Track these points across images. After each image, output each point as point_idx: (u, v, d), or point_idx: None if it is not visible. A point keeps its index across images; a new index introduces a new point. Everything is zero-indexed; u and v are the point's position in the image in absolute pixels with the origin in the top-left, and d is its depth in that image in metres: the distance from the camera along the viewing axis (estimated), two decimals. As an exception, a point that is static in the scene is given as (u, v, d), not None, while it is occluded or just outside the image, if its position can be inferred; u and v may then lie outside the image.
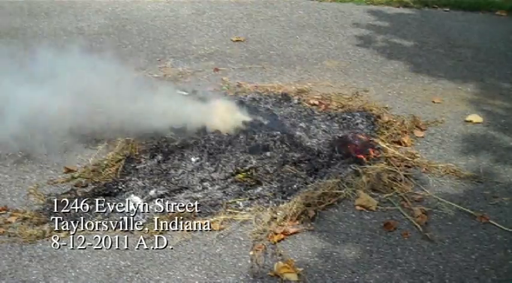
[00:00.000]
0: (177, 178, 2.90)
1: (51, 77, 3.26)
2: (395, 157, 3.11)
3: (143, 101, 3.22)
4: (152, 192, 2.78)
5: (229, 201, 2.73)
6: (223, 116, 3.25)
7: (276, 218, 2.59)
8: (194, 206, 2.67)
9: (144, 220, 2.59)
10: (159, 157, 3.03)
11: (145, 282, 2.24)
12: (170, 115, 3.20)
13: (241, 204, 2.73)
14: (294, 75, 4.34)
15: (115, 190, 2.80)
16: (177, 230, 2.53)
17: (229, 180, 2.88)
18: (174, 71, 4.22)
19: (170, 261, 2.35)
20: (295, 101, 3.72)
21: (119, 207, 2.68)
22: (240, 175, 2.90)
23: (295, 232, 2.52)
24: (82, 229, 2.52)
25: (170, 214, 2.59)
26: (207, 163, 2.99)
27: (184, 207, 2.67)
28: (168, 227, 2.54)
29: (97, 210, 2.65)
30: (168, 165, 2.98)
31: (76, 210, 2.64)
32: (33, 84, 3.20)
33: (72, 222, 2.57)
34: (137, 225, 2.55)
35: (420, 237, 2.54)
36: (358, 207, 2.72)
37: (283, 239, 2.48)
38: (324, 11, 6.05)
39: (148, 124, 3.16)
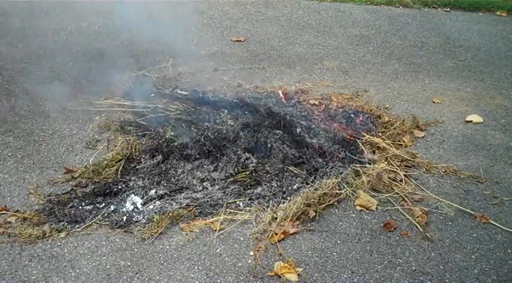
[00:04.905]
0: (177, 178, 2.90)
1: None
2: (395, 157, 3.11)
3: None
4: (152, 192, 2.78)
5: (229, 201, 2.73)
6: None
7: (276, 218, 2.59)
8: (194, 206, 2.67)
9: (144, 220, 2.59)
10: (159, 157, 3.03)
11: (145, 282, 2.24)
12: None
13: (241, 204, 2.73)
14: (294, 75, 4.35)
15: (115, 190, 2.80)
16: (177, 230, 2.53)
17: (229, 180, 2.88)
18: (174, 71, 4.23)
19: (170, 261, 2.35)
20: (295, 101, 3.72)
21: (119, 207, 2.68)
22: (240, 175, 2.90)
23: (295, 232, 2.52)
24: (82, 229, 2.52)
25: (170, 214, 2.59)
26: (206, 162, 2.99)
27: (184, 207, 2.67)
28: (168, 227, 2.54)
29: (97, 210, 2.65)
30: (168, 165, 2.98)
31: (76, 210, 2.64)
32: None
33: (72, 222, 2.57)
34: (137, 225, 2.56)
35: (420, 237, 2.54)
36: (358, 207, 2.72)
37: (283, 239, 2.48)
38: (324, 11, 6.06)
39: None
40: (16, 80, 4.10)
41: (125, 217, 2.60)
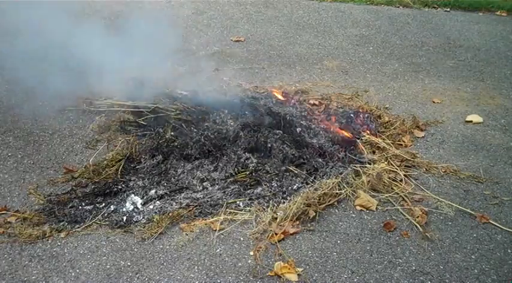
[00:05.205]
0: (177, 178, 2.90)
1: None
2: (395, 157, 3.11)
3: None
4: (152, 192, 2.78)
5: (229, 201, 2.73)
6: None
7: (276, 218, 2.59)
8: (194, 206, 2.67)
9: (144, 220, 2.59)
10: (159, 157, 3.03)
11: (145, 282, 2.24)
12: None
13: (241, 204, 2.73)
14: (294, 75, 4.35)
15: (115, 190, 2.80)
16: (177, 230, 2.53)
17: (229, 180, 2.88)
18: (174, 71, 4.22)
19: (170, 261, 2.35)
20: (295, 101, 3.72)
21: (119, 207, 2.68)
22: (240, 175, 2.90)
23: (295, 232, 2.52)
24: (82, 229, 2.52)
25: (170, 214, 2.59)
26: (206, 162, 2.99)
27: (184, 207, 2.67)
28: (168, 227, 2.54)
29: (97, 210, 2.65)
30: (168, 165, 2.98)
31: (76, 210, 2.64)
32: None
33: (72, 222, 2.57)
34: (137, 225, 2.56)
35: (420, 237, 2.54)
36: (358, 207, 2.72)
37: (283, 239, 2.48)
38: (324, 11, 6.06)
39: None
40: (16, 80, 4.10)
41: (125, 217, 2.60)
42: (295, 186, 2.84)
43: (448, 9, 6.22)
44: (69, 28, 3.92)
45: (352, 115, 3.54)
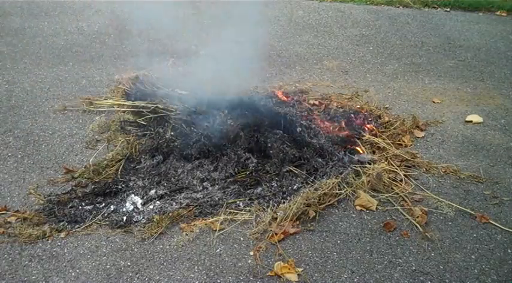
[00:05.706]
0: (177, 178, 2.90)
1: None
2: (395, 157, 3.11)
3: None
4: (152, 192, 2.78)
5: (229, 201, 2.73)
6: None
7: (276, 218, 2.59)
8: (194, 206, 2.67)
9: (144, 220, 2.59)
10: (159, 157, 3.03)
11: (145, 282, 2.24)
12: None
13: (241, 204, 2.73)
14: (294, 75, 4.35)
15: (115, 190, 2.80)
16: (177, 230, 2.53)
17: (229, 180, 2.88)
18: (174, 71, 4.23)
19: (170, 261, 2.35)
20: (295, 101, 3.72)
21: (118, 207, 2.68)
22: (240, 175, 2.90)
23: (295, 232, 2.52)
24: (82, 229, 2.52)
25: (170, 214, 2.59)
26: (206, 162, 2.99)
27: (184, 207, 2.67)
28: (168, 227, 2.54)
29: (97, 210, 2.65)
30: (168, 165, 2.98)
31: (76, 210, 2.64)
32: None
33: (72, 222, 2.57)
34: (137, 225, 2.56)
35: (420, 237, 2.54)
36: (358, 207, 2.72)
37: (283, 239, 2.48)
38: (324, 11, 6.06)
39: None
40: (16, 80, 4.11)
41: (125, 217, 2.60)
42: (295, 186, 2.84)
43: (448, 9, 6.23)
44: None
45: (352, 115, 3.55)
